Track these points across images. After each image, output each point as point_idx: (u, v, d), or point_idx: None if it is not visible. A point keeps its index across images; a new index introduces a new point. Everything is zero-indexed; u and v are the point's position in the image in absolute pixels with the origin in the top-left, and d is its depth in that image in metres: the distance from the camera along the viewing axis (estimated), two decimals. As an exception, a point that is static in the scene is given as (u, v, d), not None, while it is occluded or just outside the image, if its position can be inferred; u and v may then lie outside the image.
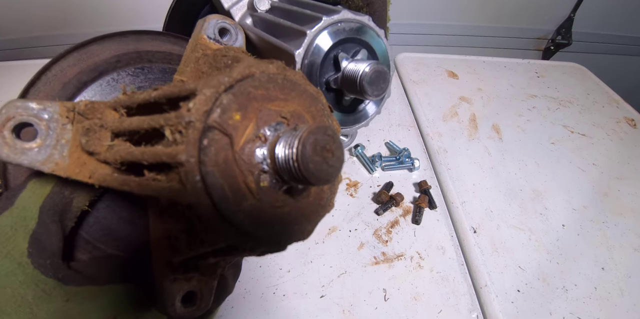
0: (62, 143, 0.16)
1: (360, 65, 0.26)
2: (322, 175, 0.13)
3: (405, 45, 1.12)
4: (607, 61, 1.19)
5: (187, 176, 0.12)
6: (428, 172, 0.54)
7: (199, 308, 0.19)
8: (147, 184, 0.14)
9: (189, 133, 0.12)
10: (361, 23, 0.27)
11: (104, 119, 0.17)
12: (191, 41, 0.22)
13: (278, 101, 0.15)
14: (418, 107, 0.67)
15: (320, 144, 0.13)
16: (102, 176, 0.16)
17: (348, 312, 0.37)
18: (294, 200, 0.15)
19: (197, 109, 0.12)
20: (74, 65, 0.23)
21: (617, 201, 0.52)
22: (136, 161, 0.14)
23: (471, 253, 0.44)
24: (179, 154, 0.12)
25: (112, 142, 0.16)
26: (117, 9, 0.98)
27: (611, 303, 0.40)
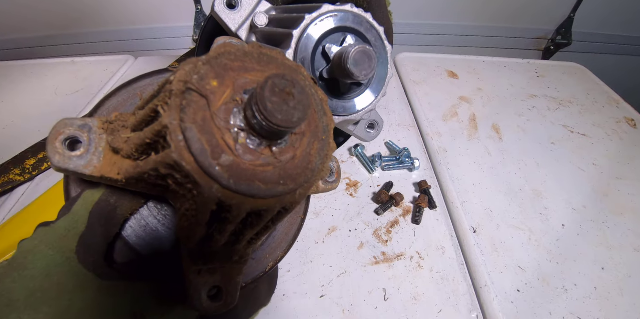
0: (99, 150, 0.19)
1: (345, 49, 0.27)
2: (283, 115, 0.14)
3: (405, 45, 1.12)
4: (607, 61, 1.19)
5: (171, 136, 0.14)
6: (428, 172, 0.54)
7: (225, 303, 0.20)
8: (150, 159, 0.16)
9: (171, 101, 0.14)
10: (342, 11, 0.29)
11: (127, 121, 0.19)
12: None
13: (255, 71, 0.16)
14: (418, 107, 0.67)
15: (279, 87, 0.14)
16: (125, 169, 0.18)
17: (348, 312, 0.37)
18: (276, 160, 0.16)
19: (178, 81, 0.14)
20: (125, 102, 0.26)
21: (617, 201, 0.52)
22: (142, 142, 0.16)
23: (471, 253, 0.44)
24: (164, 119, 0.14)
25: (129, 135, 0.18)
26: (117, 9, 0.98)
27: (611, 303, 0.40)
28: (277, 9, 0.33)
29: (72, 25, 1.00)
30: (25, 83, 0.71)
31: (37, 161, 0.52)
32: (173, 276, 0.21)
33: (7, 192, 0.49)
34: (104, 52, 1.05)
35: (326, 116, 0.19)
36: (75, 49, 1.04)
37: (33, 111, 0.64)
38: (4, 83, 0.70)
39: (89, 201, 0.22)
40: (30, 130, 0.58)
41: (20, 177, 0.50)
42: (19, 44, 1.03)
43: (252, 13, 0.33)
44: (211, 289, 0.19)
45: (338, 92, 0.32)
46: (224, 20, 0.31)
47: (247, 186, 0.15)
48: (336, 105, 0.32)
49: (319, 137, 0.18)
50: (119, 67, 0.76)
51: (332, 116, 0.19)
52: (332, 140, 0.19)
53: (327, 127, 0.19)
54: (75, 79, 0.72)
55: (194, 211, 0.16)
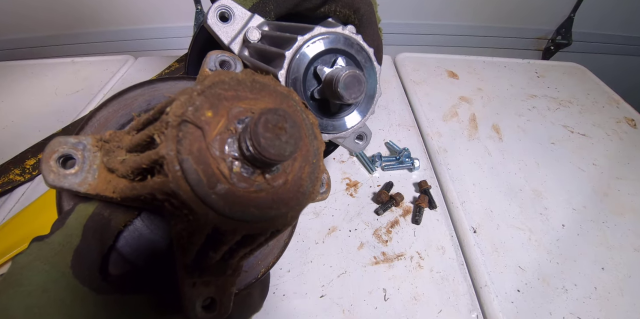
0: (93, 168, 0.20)
1: (335, 73, 0.28)
2: (276, 150, 0.15)
3: (405, 45, 1.12)
4: (607, 61, 1.19)
5: (168, 167, 0.14)
6: (428, 172, 0.54)
7: (219, 313, 0.20)
8: (147, 184, 0.16)
9: (167, 132, 0.15)
10: (334, 33, 0.29)
11: (122, 141, 0.19)
12: (199, 75, 0.24)
13: (248, 99, 0.17)
14: (418, 107, 0.67)
15: (272, 122, 0.15)
16: (121, 188, 0.19)
17: (348, 312, 0.37)
18: (269, 186, 0.17)
19: (174, 112, 0.15)
20: (115, 112, 0.27)
21: (617, 201, 0.52)
22: (138, 166, 0.16)
23: (471, 253, 0.44)
24: (161, 150, 0.14)
25: (125, 156, 0.18)
26: (117, 9, 0.98)
27: (611, 303, 0.40)
28: (269, 25, 0.33)
29: (72, 25, 1.00)
30: (25, 83, 0.71)
31: (37, 161, 0.52)
32: (168, 287, 0.22)
33: (7, 192, 0.49)
34: (104, 52, 1.05)
35: (316, 139, 0.20)
36: (75, 49, 1.05)
37: (33, 110, 0.64)
38: (4, 83, 0.70)
39: (82, 214, 0.22)
40: (30, 130, 0.58)
41: (20, 177, 0.50)
42: (19, 44, 1.03)
43: (244, 27, 0.33)
44: (205, 299, 0.20)
45: (328, 111, 0.32)
46: (217, 33, 0.32)
47: (241, 213, 0.15)
48: (326, 123, 0.32)
49: (310, 161, 0.19)
50: (119, 67, 0.76)
51: (322, 139, 0.20)
52: (322, 162, 0.20)
53: (317, 151, 0.19)
54: (75, 79, 0.72)
55: (190, 232, 0.16)
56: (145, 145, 0.17)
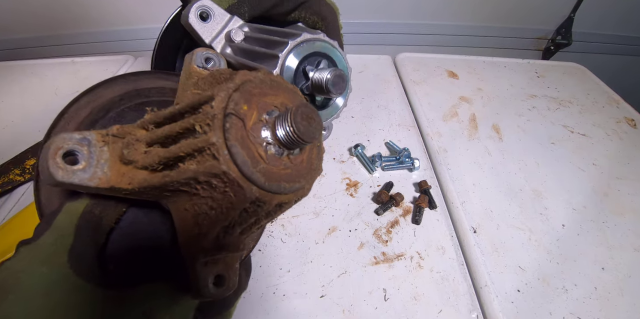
0: (101, 162, 0.21)
1: (323, 73, 0.33)
2: (310, 133, 0.19)
3: (405, 45, 1.12)
4: (607, 61, 1.19)
5: (218, 152, 0.17)
6: (428, 172, 0.54)
7: (227, 287, 0.23)
8: (186, 169, 0.18)
9: (214, 123, 0.17)
10: (318, 40, 0.35)
11: (138, 134, 0.21)
12: (184, 71, 0.26)
13: (270, 95, 0.20)
14: (418, 107, 0.67)
15: (305, 113, 0.19)
16: (139, 179, 0.20)
17: (348, 312, 0.37)
18: (292, 164, 0.20)
19: (218, 106, 0.18)
20: (86, 107, 0.28)
21: (617, 201, 0.52)
22: (174, 155, 0.19)
23: (471, 253, 0.44)
24: (211, 138, 0.17)
25: (147, 148, 0.20)
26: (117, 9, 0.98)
27: (611, 303, 0.40)
28: (249, 27, 0.36)
29: (73, 25, 1.00)
30: (25, 83, 0.71)
31: (37, 161, 0.52)
32: (170, 272, 0.23)
33: (7, 192, 0.49)
34: (104, 52, 1.05)
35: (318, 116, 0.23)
36: (75, 49, 1.04)
37: (33, 111, 0.64)
38: (4, 83, 0.70)
39: (73, 213, 0.22)
40: (30, 130, 0.58)
41: (20, 177, 0.50)
42: (19, 44, 1.03)
43: (225, 27, 0.36)
44: (215, 277, 0.22)
45: (314, 105, 0.37)
46: (197, 31, 0.34)
47: (276, 186, 0.19)
48: None
49: (316, 144, 0.23)
50: (119, 67, 0.76)
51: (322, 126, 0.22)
52: (322, 145, 0.24)
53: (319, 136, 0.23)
54: (75, 79, 0.72)
55: (227, 208, 0.19)
56: (177, 136, 0.19)
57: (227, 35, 0.35)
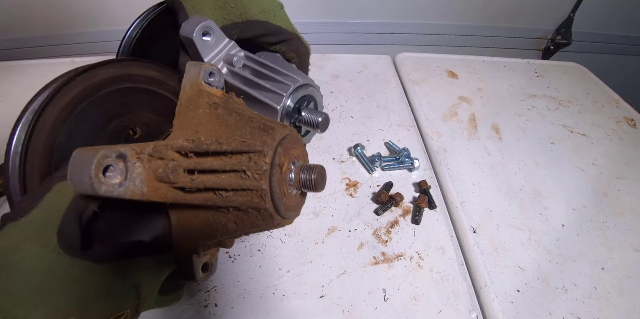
0: (134, 176, 0.23)
1: (314, 116, 0.40)
2: (322, 186, 0.26)
3: (405, 45, 1.11)
4: (607, 61, 1.19)
5: (265, 195, 0.23)
6: (428, 172, 0.54)
7: (211, 272, 0.29)
8: (231, 200, 0.24)
9: (265, 174, 0.23)
10: (310, 86, 0.41)
11: (181, 161, 0.24)
12: (190, 84, 0.28)
13: (294, 149, 0.26)
14: (418, 107, 0.67)
15: (322, 173, 0.26)
16: (174, 196, 0.24)
17: (348, 312, 0.37)
18: (296, 200, 0.27)
19: (269, 162, 0.23)
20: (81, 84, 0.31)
21: (617, 201, 0.52)
22: (221, 187, 0.23)
23: (471, 253, 0.44)
24: (262, 185, 0.23)
25: (193, 176, 0.24)
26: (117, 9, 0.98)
27: (611, 303, 0.40)
28: (247, 56, 0.40)
29: (72, 25, 1.00)
30: (25, 83, 0.71)
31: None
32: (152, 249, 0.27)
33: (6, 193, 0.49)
34: (103, 52, 1.05)
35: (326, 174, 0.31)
36: (75, 49, 1.04)
37: (33, 111, 0.63)
38: (4, 83, 0.70)
39: (66, 195, 0.23)
40: (30, 130, 0.58)
41: (19, 177, 0.49)
42: (19, 44, 1.03)
43: (223, 49, 0.39)
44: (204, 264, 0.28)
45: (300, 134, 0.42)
46: (198, 47, 0.36)
47: (288, 215, 0.25)
48: None
49: None
50: (118, 68, 0.76)
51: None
52: None
53: None
54: (75, 79, 0.72)
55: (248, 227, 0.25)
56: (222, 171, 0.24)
57: (226, 58, 0.39)
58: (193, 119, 0.27)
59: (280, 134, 0.25)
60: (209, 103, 0.28)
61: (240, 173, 0.23)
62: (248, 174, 0.23)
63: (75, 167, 0.21)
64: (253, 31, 0.40)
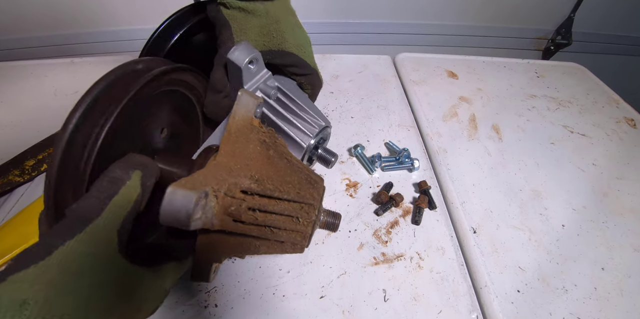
0: (206, 209, 0.25)
1: (329, 156, 0.44)
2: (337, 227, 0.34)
3: (405, 45, 1.12)
4: (607, 61, 1.19)
5: (306, 237, 0.30)
6: (428, 172, 0.54)
7: (216, 273, 0.32)
8: (280, 235, 0.29)
9: (310, 222, 0.29)
10: (329, 128, 0.46)
11: (249, 201, 0.27)
12: (242, 115, 0.30)
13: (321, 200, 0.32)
14: (418, 107, 0.67)
15: (340, 218, 0.33)
16: (234, 227, 0.28)
17: (348, 312, 0.37)
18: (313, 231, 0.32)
19: (316, 214, 0.30)
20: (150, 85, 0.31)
21: (617, 201, 0.52)
22: (275, 226, 0.28)
23: (471, 254, 0.44)
24: (307, 231, 0.29)
25: (255, 213, 0.28)
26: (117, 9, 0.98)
27: (611, 303, 0.40)
28: (279, 90, 0.42)
29: (72, 25, 1.00)
30: (25, 83, 0.71)
31: (36, 161, 0.52)
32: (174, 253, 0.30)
33: (6, 193, 0.49)
34: (103, 52, 1.05)
35: None
36: (75, 49, 1.04)
37: (32, 111, 0.63)
38: (4, 83, 0.70)
39: (127, 198, 0.25)
40: (29, 131, 0.58)
41: (19, 178, 0.50)
42: (19, 44, 1.03)
43: (261, 78, 0.41)
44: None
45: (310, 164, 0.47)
46: (243, 74, 0.37)
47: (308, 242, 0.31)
48: None
49: None
50: (118, 68, 0.76)
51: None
52: None
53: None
54: (75, 79, 0.72)
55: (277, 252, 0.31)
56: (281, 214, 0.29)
57: (264, 89, 0.41)
58: (243, 151, 0.29)
59: (321, 188, 0.31)
60: (259, 139, 0.30)
61: (293, 218, 0.29)
62: (300, 220, 0.29)
63: (172, 204, 0.23)
64: (284, 60, 0.43)
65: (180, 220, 0.23)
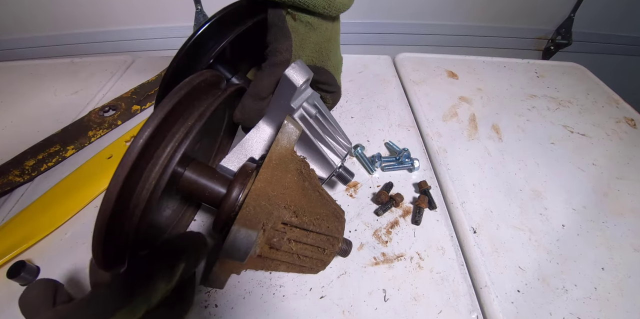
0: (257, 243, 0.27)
1: (348, 175, 0.45)
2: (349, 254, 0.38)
3: (405, 45, 1.11)
4: (607, 61, 1.19)
5: (326, 264, 0.35)
6: (428, 172, 0.54)
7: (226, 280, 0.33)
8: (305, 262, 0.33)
9: (333, 253, 0.34)
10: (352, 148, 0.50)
11: (288, 233, 0.30)
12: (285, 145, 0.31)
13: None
14: (418, 107, 0.67)
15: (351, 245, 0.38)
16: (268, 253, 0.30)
17: (348, 312, 0.37)
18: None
19: (340, 247, 0.34)
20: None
21: (617, 201, 0.52)
22: (304, 255, 0.32)
23: (471, 254, 0.44)
24: (330, 260, 0.35)
25: (291, 243, 0.30)
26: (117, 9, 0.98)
27: (611, 303, 0.40)
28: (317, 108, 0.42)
29: (72, 25, 1.00)
30: (25, 83, 0.71)
31: (36, 161, 0.52)
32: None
33: (6, 193, 0.49)
34: (103, 52, 1.05)
35: None
36: (75, 49, 1.04)
37: (32, 111, 0.63)
38: (4, 83, 0.70)
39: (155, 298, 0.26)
40: (29, 131, 0.58)
41: (19, 178, 0.49)
42: (19, 44, 1.03)
43: (305, 96, 0.40)
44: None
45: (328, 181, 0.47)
46: (293, 94, 0.37)
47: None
48: None
49: None
50: (118, 68, 0.76)
51: None
52: None
53: None
54: (75, 79, 0.72)
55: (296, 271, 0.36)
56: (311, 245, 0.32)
57: (307, 108, 0.41)
58: (280, 179, 0.30)
59: (344, 221, 0.35)
60: (297, 170, 0.32)
61: (320, 248, 0.32)
62: (326, 251, 0.33)
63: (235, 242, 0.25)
64: (319, 77, 0.45)
65: (240, 256, 0.25)
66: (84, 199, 0.47)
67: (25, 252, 0.41)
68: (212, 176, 0.33)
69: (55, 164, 0.53)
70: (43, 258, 0.41)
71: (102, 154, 0.53)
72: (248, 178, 0.32)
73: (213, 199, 0.33)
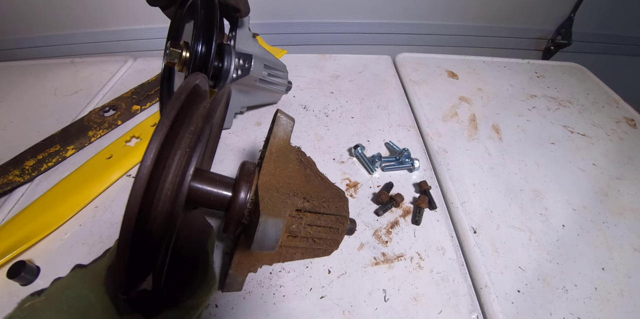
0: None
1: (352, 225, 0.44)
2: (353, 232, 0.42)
3: (405, 45, 1.11)
4: (607, 61, 1.19)
5: (339, 243, 0.35)
6: (428, 172, 0.54)
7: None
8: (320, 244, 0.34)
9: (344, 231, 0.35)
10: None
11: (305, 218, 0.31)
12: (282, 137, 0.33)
13: None
14: (418, 107, 0.67)
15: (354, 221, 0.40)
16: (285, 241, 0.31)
17: (348, 313, 0.37)
18: None
19: (348, 224, 0.35)
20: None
21: (617, 201, 0.52)
22: (318, 237, 0.33)
23: (471, 254, 0.44)
24: (341, 239, 0.35)
25: (307, 228, 0.31)
26: (117, 9, 0.98)
27: (611, 303, 0.40)
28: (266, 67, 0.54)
29: (72, 26, 1.00)
30: (25, 83, 0.71)
31: (36, 161, 0.52)
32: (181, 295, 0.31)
33: (6, 193, 0.49)
34: (103, 52, 1.05)
35: None
36: (75, 49, 1.04)
37: (32, 111, 0.63)
38: (4, 83, 0.70)
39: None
40: (29, 131, 0.58)
41: (19, 178, 0.49)
42: (19, 44, 1.03)
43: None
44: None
45: None
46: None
47: None
48: None
49: None
50: (118, 68, 0.76)
51: None
52: None
53: None
54: (75, 79, 0.72)
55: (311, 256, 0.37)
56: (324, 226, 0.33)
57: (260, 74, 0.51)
58: (283, 170, 0.31)
59: (347, 200, 0.36)
60: (297, 159, 0.34)
61: (333, 228, 0.33)
62: (339, 230, 0.34)
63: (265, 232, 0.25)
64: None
65: (271, 246, 0.26)
66: (84, 199, 0.47)
67: (25, 252, 0.41)
68: (213, 181, 0.32)
69: (55, 164, 0.53)
70: (43, 258, 0.41)
71: (102, 154, 0.53)
72: (252, 176, 0.32)
73: (219, 203, 0.32)
